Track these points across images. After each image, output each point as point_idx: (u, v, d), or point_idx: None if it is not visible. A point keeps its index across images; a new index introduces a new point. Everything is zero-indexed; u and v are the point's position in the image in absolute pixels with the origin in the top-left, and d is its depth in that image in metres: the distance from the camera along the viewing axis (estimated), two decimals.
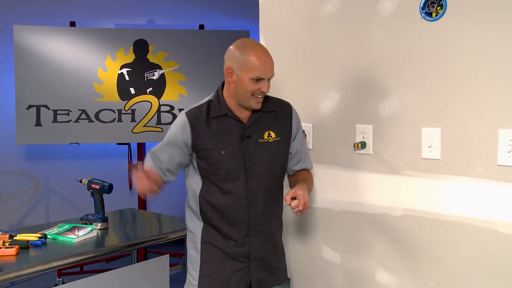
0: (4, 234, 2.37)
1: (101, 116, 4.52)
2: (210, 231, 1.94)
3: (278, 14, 2.38)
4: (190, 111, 1.93)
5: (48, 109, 4.42)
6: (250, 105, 1.88)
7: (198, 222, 1.98)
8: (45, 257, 2.22)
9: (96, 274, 2.58)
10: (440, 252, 1.87)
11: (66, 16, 4.87)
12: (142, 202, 4.88)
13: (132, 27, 5.04)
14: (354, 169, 2.11)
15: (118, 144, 4.71)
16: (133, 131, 4.57)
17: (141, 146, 4.77)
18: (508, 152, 1.68)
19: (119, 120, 4.55)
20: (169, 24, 5.30)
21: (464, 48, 1.78)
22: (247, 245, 1.93)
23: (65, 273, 4.16)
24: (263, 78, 1.83)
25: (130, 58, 4.62)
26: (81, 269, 4.42)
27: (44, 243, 2.38)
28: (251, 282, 1.94)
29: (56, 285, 3.03)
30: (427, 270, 1.91)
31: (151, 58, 4.66)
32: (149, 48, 4.66)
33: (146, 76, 4.65)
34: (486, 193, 1.74)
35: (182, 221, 2.14)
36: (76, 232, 2.53)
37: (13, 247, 2.23)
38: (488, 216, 1.74)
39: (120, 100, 4.57)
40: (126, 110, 4.58)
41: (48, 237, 2.45)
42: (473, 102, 1.76)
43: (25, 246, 2.29)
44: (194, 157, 1.94)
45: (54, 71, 4.45)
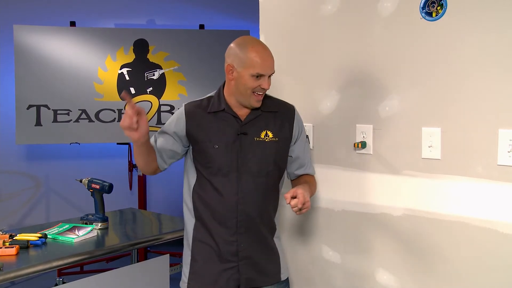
0: (4, 234, 2.37)
1: (101, 116, 4.52)
2: (201, 228, 1.96)
3: (278, 14, 2.38)
4: (190, 103, 1.99)
5: (48, 109, 4.42)
6: (250, 102, 1.88)
7: (191, 219, 1.99)
8: (45, 257, 2.22)
9: (96, 274, 2.58)
10: (440, 252, 1.87)
11: (66, 16, 4.87)
12: (142, 202, 4.88)
13: (132, 27, 5.05)
14: (354, 169, 2.11)
15: (118, 144, 4.72)
16: None
17: None
18: (508, 152, 1.68)
19: (119, 120, 4.54)
20: (169, 24, 5.30)
21: (464, 48, 1.78)
22: (236, 243, 1.91)
23: (65, 273, 4.16)
24: (264, 74, 1.83)
25: (130, 58, 4.63)
26: (81, 269, 4.42)
27: (44, 243, 2.38)
28: (240, 282, 1.92)
29: (56, 285, 3.03)
30: (427, 270, 1.91)
31: (151, 58, 4.67)
32: (149, 48, 4.66)
33: (146, 76, 4.66)
34: (486, 193, 1.74)
35: (182, 221, 2.13)
36: (76, 232, 2.53)
37: (13, 247, 2.23)
38: (488, 216, 1.74)
39: (120, 100, 4.57)
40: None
41: (48, 237, 2.45)
42: (473, 102, 1.76)
43: (25, 246, 2.29)
44: (191, 149, 1.98)
45: (54, 71, 4.45)
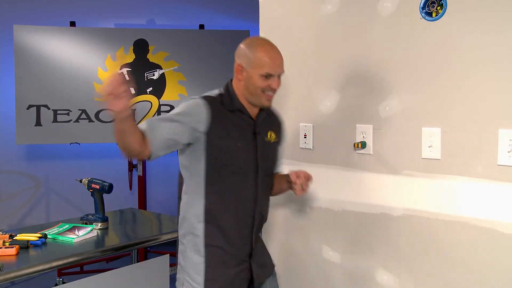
0: (4, 234, 2.37)
1: (101, 116, 4.52)
2: (215, 233, 1.88)
3: (278, 14, 2.38)
4: (207, 98, 1.85)
5: (48, 109, 4.42)
6: (261, 102, 1.88)
7: (199, 224, 1.90)
8: (45, 257, 2.22)
9: (96, 274, 2.58)
10: (440, 252, 1.87)
11: (66, 16, 4.87)
12: (142, 202, 4.88)
13: (132, 27, 5.04)
14: (354, 169, 2.11)
15: None
16: None
17: None
18: (508, 152, 1.68)
19: None
20: (169, 24, 5.30)
21: (464, 48, 1.78)
22: (250, 244, 1.94)
23: (65, 273, 4.16)
24: (273, 74, 1.84)
25: (130, 58, 4.63)
26: (81, 269, 4.42)
27: (44, 243, 2.38)
28: (251, 280, 1.95)
29: (56, 285, 3.03)
30: (427, 270, 1.91)
31: (151, 58, 4.67)
32: (149, 48, 4.66)
33: (146, 76, 4.66)
34: (486, 193, 1.74)
35: None
36: (76, 232, 2.53)
37: (13, 247, 2.23)
38: (488, 216, 1.74)
39: None
40: None
41: (48, 237, 2.45)
42: (473, 102, 1.76)
43: (25, 246, 2.29)
44: (199, 148, 1.84)
45: (54, 71, 4.45)
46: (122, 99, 1.55)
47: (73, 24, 4.63)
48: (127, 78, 4.60)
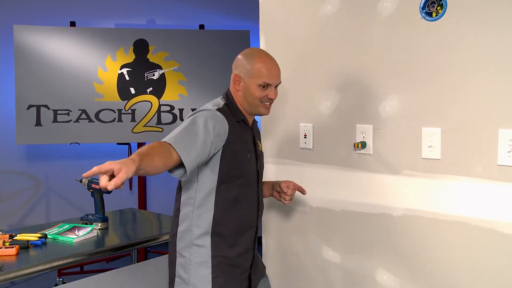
0: (4, 234, 2.37)
1: (101, 116, 4.52)
2: (220, 243, 1.87)
3: (278, 14, 2.38)
4: (220, 110, 1.83)
5: (48, 109, 4.42)
6: (260, 111, 1.92)
7: (207, 235, 1.87)
8: (45, 257, 2.22)
9: (96, 274, 2.58)
10: (440, 252, 1.87)
11: (66, 16, 4.87)
12: (142, 202, 4.88)
13: (132, 27, 5.04)
14: (354, 169, 2.11)
15: (118, 144, 4.71)
16: (133, 131, 4.58)
17: (141, 146, 4.76)
18: (508, 152, 1.68)
19: (119, 120, 4.55)
20: (169, 24, 5.30)
21: (464, 48, 1.78)
22: (252, 251, 1.97)
23: (65, 273, 4.16)
24: (270, 84, 1.87)
25: (130, 58, 4.62)
26: (81, 269, 4.42)
27: (44, 243, 2.38)
28: (250, 284, 1.97)
29: (56, 285, 3.04)
30: (427, 270, 1.91)
31: (151, 58, 4.66)
32: (149, 48, 4.66)
33: (146, 76, 4.65)
34: (486, 193, 1.74)
35: None
36: (76, 232, 2.53)
37: (13, 247, 2.23)
38: (488, 216, 1.74)
39: (120, 100, 4.57)
40: (126, 110, 4.58)
41: (48, 237, 2.45)
42: (473, 102, 1.76)
43: (25, 246, 2.29)
44: (217, 161, 1.82)
45: (54, 71, 4.44)
46: (119, 174, 1.38)
47: (73, 24, 4.63)
48: (127, 78, 4.60)
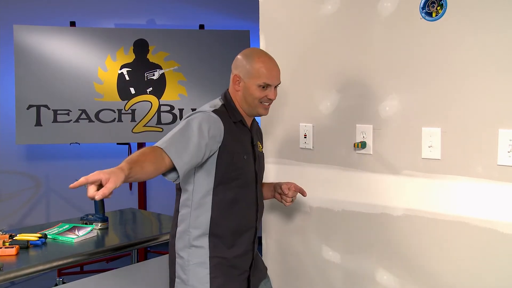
0: (4, 234, 2.37)
1: (101, 116, 4.52)
2: (218, 244, 1.87)
3: (278, 14, 2.38)
4: (217, 112, 1.83)
5: (48, 109, 4.42)
6: (258, 112, 1.91)
7: (205, 236, 1.87)
8: (45, 257, 2.22)
9: (96, 274, 2.58)
10: (440, 252, 1.87)
11: (66, 16, 4.87)
12: (142, 202, 4.88)
13: (132, 27, 5.04)
14: (354, 169, 2.11)
15: (118, 144, 4.71)
16: (133, 131, 4.58)
17: (141, 146, 4.77)
18: (508, 152, 1.68)
19: (119, 120, 4.55)
20: (169, 24, 5.30)
21: (464, 48, 1.78)
22: (252, 252, 1.96)
23: (65, 273, 4.16)
24: (270, 84, 1.87)
25: (130, 58, 4.62)
26: (81, 269, 4.42)
27: (44, 243, 2.38)
28: (249, 285, 1.97)
29: (56, 285, 3.04)
30: (427, 270, 1.91)
31: (151, 58, 4.66)
32: (149, 48, 4.66)
33: (146, 76, 4.65)
34: (486, 193, 1.74)
35: None
36: (76, 232, 2.53)
37: (13, 247, 2.23)
38: (488, 216, 1.74)
39: (120, 100, 4.57)
40: (126, 110, 4.58)
41: (48, 237, 2.45)
42: (473, 102, 1.76)
43: (25, 246, 2.29)
44: (213, 163, 1.82)
45: (54, 71, 4.44)
46: (107, 183, 1.46)
47: (73, 24, 4.63)
48: (127, 78, 4.60)
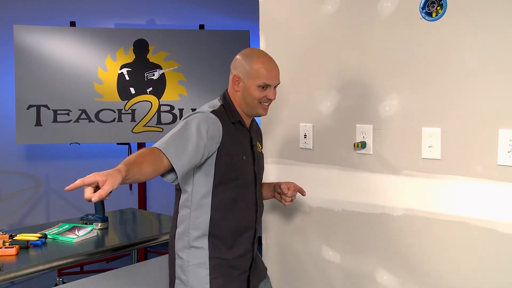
0: (4, 234, 2.37)
1: (101, 116, 4.52)
2: (218, 245, 1.87)
3: (278, 14, 2.38)
4: (215, 112, 1.83)
5: (48, 109, 4.42)
6: (258, 112, 1.91)
7: (204, 237, 1.87)
8: (45, 257, 2.22)
9: (96, 274, 2.58)
10: (440, 252, 1.87)
11: (66, 16, 4.87)
12: (142, 202, 4.88)
13: (132, 27, 5.04)
14: (354, 169, 2.11)
15: (118, 144, 4.72)
16: (133, 131, 4.58)
17: (141, 146, 4.77)
18: (508, 152, 1.68)
19: (119, 120, 4.55)
20: (169, 24, 5.30)
21: (464, 48, 1.78)
22: (251, 253, 1.96)
23: (65, 273, 4.16)
24: (270, 85, 1.87)
25: (130, 58, 4.62)
26: (81, 269, 4.42)
27: (44, 243, 2.38)
28: (250, 286, 1.97)
29: (56, 285, 3.04)
30: (427, 270, 1.91)
31: (151, 58, 4.66)
32: (149, 48, 4.66)
33: (146, 76, 4.65)
34: (486, 193, 1.74)
35: None
36: (76, 232, 2.53)
37: (13, 247, 2.23)
38: (488, 216, 1.74)
39: (120, 100, 4.57)
40: (126, 110, 4.58)
41: (48, 237, 2.45)
42: (473, 102, 1.76)
43: (25, 246, 2.29)
44: (211, 164, 1.82)
45: (54, 71, 4.45)
46: (104, 185, 1.45)
47: (73, 24, 4.63)
48: (127, 78, 4.60)
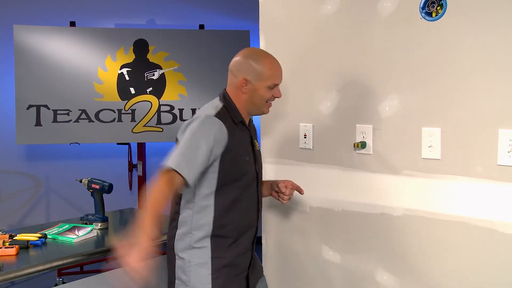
0: (4, 234, 2.37)
1: (101, 116, 4.52)
2: (220, 245, 1.88)
3: (278, 14, 2.38)
4: (218, 115, 1.84)
5: (48, 109, 4.42)
6: (263, 111, 1.95)
7: (207, 238, 1.88)
8: (45, 257, 2.22)
9: (96, 274, 2.58)
10: (440, 252, 1.87)
11: (66, 16, 4.87)
12: (142, 202, 4.87)
13: (132, 27, 5.04)
14: (354, 169, 2.11)
15: (118, 144, 4.71)
16: (133, 131, 4.57)
17: (141, 146, 4.77)
18: (508, 152, 1.68)
19: (119, 120, 4.55)
20: (169, 24, 5.30)
21: (464, 48, 1.78)
22: (251, 251, 1.98)
23: (65, 273, 4.16)
24: (277, 84, 1.91)
25: (130, 58, 4.62)
26: (81, 269, 4.42)
27: (44, 243, 2.38)
28: (248, 284, 1.98)
29: (56, 285, 3.04)
30: (427, 270, 1.91)
31: (151, 58, 4.66)
32: (149, 48, 4.66)
33: (146, 76, 4.65)
34: (486, 193, 1.74)
35: None
36: (76, 232, 2.53)
37: (13, 247, 2.22)
38: (488, 216, 1.74)
39: (120, 100, 4.57)
40: (126, 110, 4.58)
41: (48, 237, 2.45)
42: (473, 102, 1.76)
43: (25, 246, 2.29)
44: (216, 166, 1.83)
45: (54, 71, 4.44)
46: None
47: (73, 24, 4.63)
48: (127, 78, 4.60)
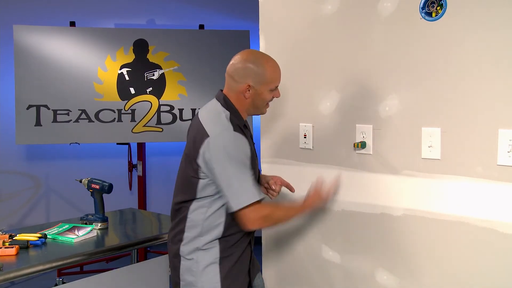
0: (4, 234, 2.37)
1: (101, 116, 4.52)
2: (227, 245, 1.91)
3: (278, 14, 2.38)
4: (234, 125, 1.86)
5: (48, 109, 4.42)
6: (263, 111, 2.00)
7: (217, 240, 1.90)
8: (45, 257, 2.22)
9: (96, 274, 2.58)
10: (440, 252, 1.87)
11: (66, 16, 4.87)
12: (142, 202, 4.88)
13: (132, 27, 5.05)
14: (354, 169, 2.11)
15: (118, 144, 4.72)
16: (133, 131, 4.58)
17: (141, 146, 4.77)
18: (508, 152, 1.68)
19: (119, 120, 4.55)
20: (169, 24, 5.30)
21: (464, 48, 1.78)
22: (250, 249, 2.01)
23: (65, 273, 4.16)
24: (278, 85, 1.95)
25: (130, 58, 4.62)
26: (81, 269, 4.42)
27: (44, 243, 2.38)
28: (251, 279, 2.02)
29: (56, 285, 3.04)
30: (427, 270, 1.91)
31: (151, 58, 4.66)
32: (149, 48, 4.66)
33: (146, 76, 4.65)
34: (486, 193, 1.74)
35: None
36: (76, 232, 2.53)
37: (13, 247, 2.23)
38: (488, 216, 1.74)
39: (120, 100, 4.57)
40: (126, 110, 4.58)
41: (48, 237, 2.45)
42: (473, 102, 1.76)
43: (25, 246, 2.29)
44: None
45: (54, 71, 4.45)
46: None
47: (73, 24, 4.63)
48: (127, 79, 4.60)
